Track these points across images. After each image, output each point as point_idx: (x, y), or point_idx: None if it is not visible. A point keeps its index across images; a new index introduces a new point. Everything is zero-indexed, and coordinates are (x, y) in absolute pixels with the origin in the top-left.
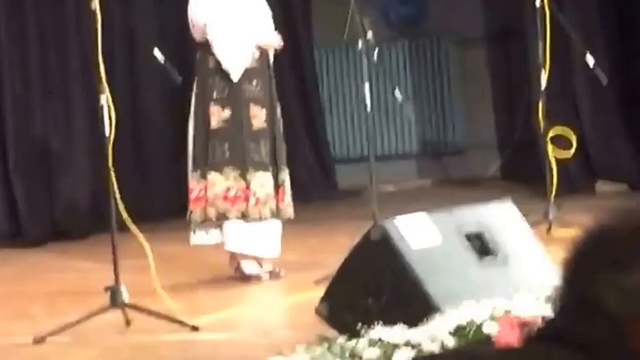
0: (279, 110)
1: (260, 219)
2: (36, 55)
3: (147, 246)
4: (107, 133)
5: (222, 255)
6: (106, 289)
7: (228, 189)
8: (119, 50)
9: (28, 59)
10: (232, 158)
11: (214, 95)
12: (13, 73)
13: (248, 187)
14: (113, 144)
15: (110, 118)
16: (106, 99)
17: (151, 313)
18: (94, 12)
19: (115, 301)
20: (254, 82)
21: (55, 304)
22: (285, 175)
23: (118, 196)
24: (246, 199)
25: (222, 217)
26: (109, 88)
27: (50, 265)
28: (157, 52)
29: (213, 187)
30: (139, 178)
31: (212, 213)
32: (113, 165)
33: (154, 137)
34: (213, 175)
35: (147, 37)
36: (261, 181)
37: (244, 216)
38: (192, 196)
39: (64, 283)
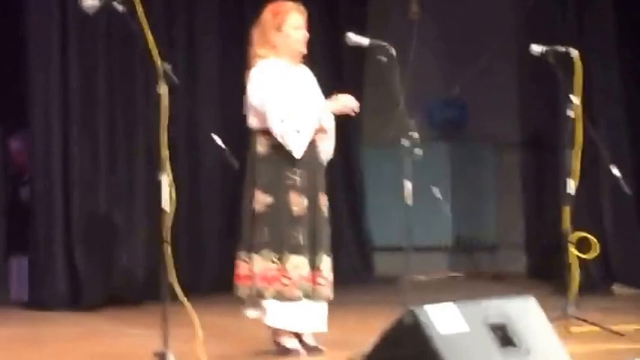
0: (324, 199)
1: (294, 299)
2: (104, 132)
3: (195, 316)
4: (167, 209)
5: (266, 329)
6: (155, 354)
7: (266, 270)
8: (182, 133)
9: (96, 135)
10: (271, 242)
11: (259, 181)
12: (82, 148)
13: (284, 268)
14: (172, 220)
15: (170, 195)
16: (166, 178)
17: None
18: (160, 95)
19: None
20: (297, 172)
21: None
22: (321, 260)
23: (171, 268)
24: (281, 280)
25: (260, 296)
26: (171, 167)
27: (104, 329)
28: (215, 137)
29: (254, 267)
30: (193, 253)
31: (254, 291)
32: (169, 239)
33: (209, 216)
34: (254, 257)
35: (208, 123)
36: (295, 264)
37: (280, 295)
38: (241, 273)
39: (115, 347)
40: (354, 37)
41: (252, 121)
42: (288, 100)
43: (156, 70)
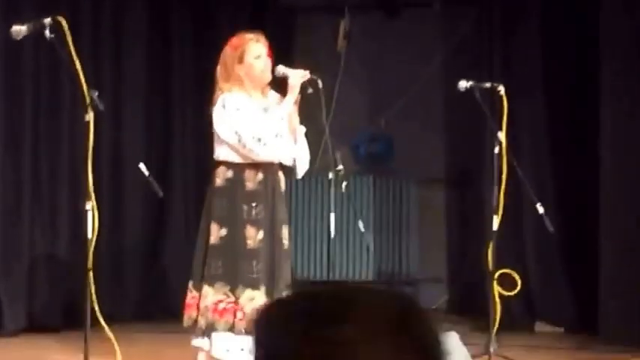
0: (285, 231)
1: (246, 332)
2: (28, 158)
3: (116, 344)
4: (89, 237)
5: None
6: None
7: (218, 302)
8: (107, 160)
9: (20, 162)
10: (224, 274)
11: (215, 214)
12: (6, 176)
13: (237, 301)
14: (93, 247)
15: (93, 223)
16: (91, 205)
17: None
18: (87, 123)
19: None
20: (253, 204)
21: None
22: (281, 293)
23: (93, 295)
24: (234, 313)
25: (210, 328)
26: (95, 195)
27: (25, 356)
28: (142, 166)
29: (205, 298)
30: (115, 280)
31: (202, 322)
32: (91, 266)
33: (132, 244)
34: (206, 289)
35: (134, 151)
36: (250, 297)
37: (231, 328)
38: (186, 302)
39: None
40: (282, 69)
41: (219, 153)
42: (257, 120)
43: (83, 97)
